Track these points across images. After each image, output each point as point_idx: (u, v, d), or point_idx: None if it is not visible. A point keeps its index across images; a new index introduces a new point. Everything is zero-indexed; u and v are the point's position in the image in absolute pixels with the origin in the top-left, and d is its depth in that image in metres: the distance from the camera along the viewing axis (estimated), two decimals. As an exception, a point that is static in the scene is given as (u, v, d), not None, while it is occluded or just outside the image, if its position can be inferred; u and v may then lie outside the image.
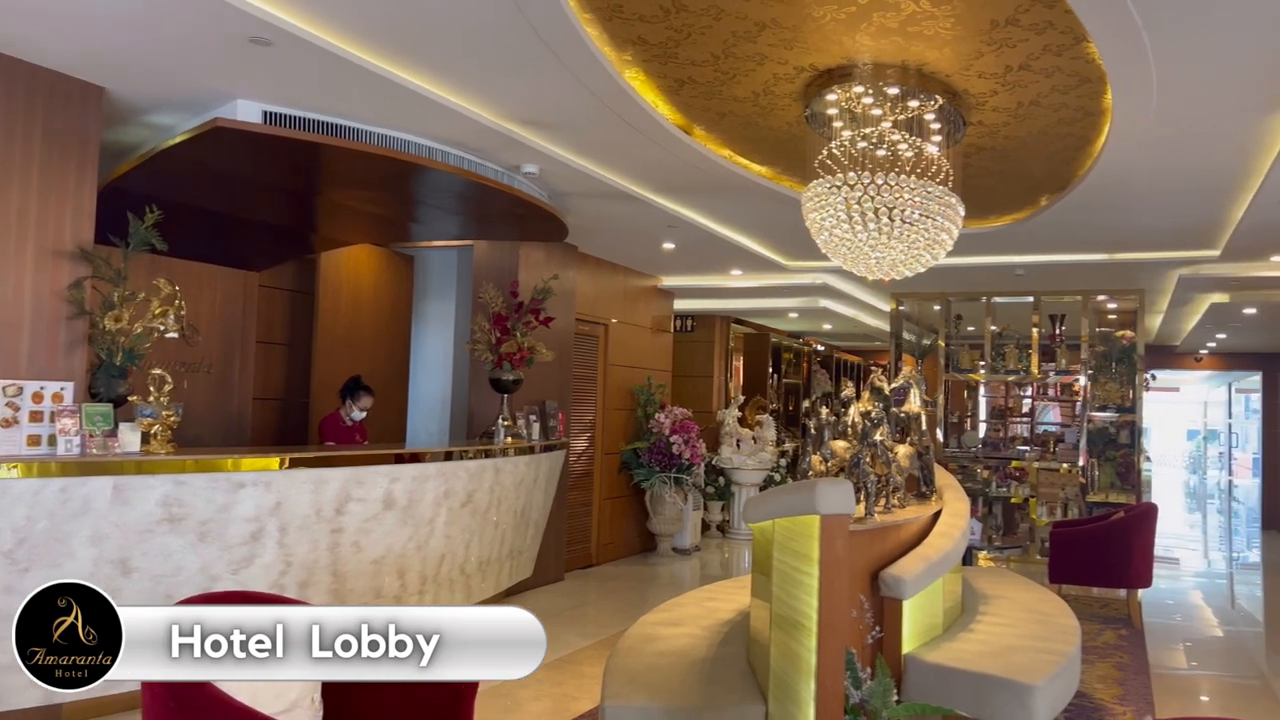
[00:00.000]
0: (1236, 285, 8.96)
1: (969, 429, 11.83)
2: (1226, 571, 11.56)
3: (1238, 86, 4.46)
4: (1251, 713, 5.41)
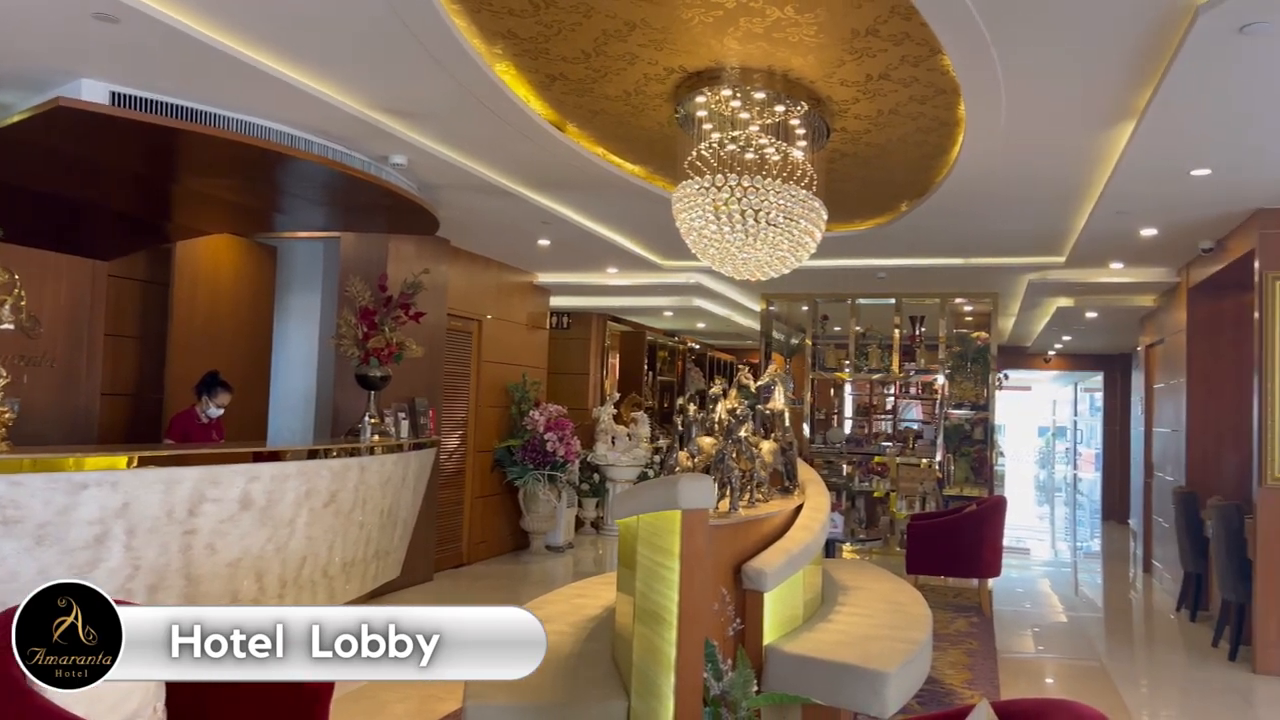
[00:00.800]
0: (1080, 290, 9.52)
1: (834, 426, 12.22)
2: (1071, 560, 12.26)
3: (1080, 102, 4.74)
4: (1087, 693, 5.76)
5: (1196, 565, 7.49)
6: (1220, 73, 4.04)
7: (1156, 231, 7.13)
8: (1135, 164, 5.34)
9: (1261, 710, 5.53)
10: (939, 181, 6.28)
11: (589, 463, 10.99)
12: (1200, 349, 8.24)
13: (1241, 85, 4.20)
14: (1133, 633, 7.92)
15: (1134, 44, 3.96)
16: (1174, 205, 6.35)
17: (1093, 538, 14.38)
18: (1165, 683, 6.27)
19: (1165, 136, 4.89)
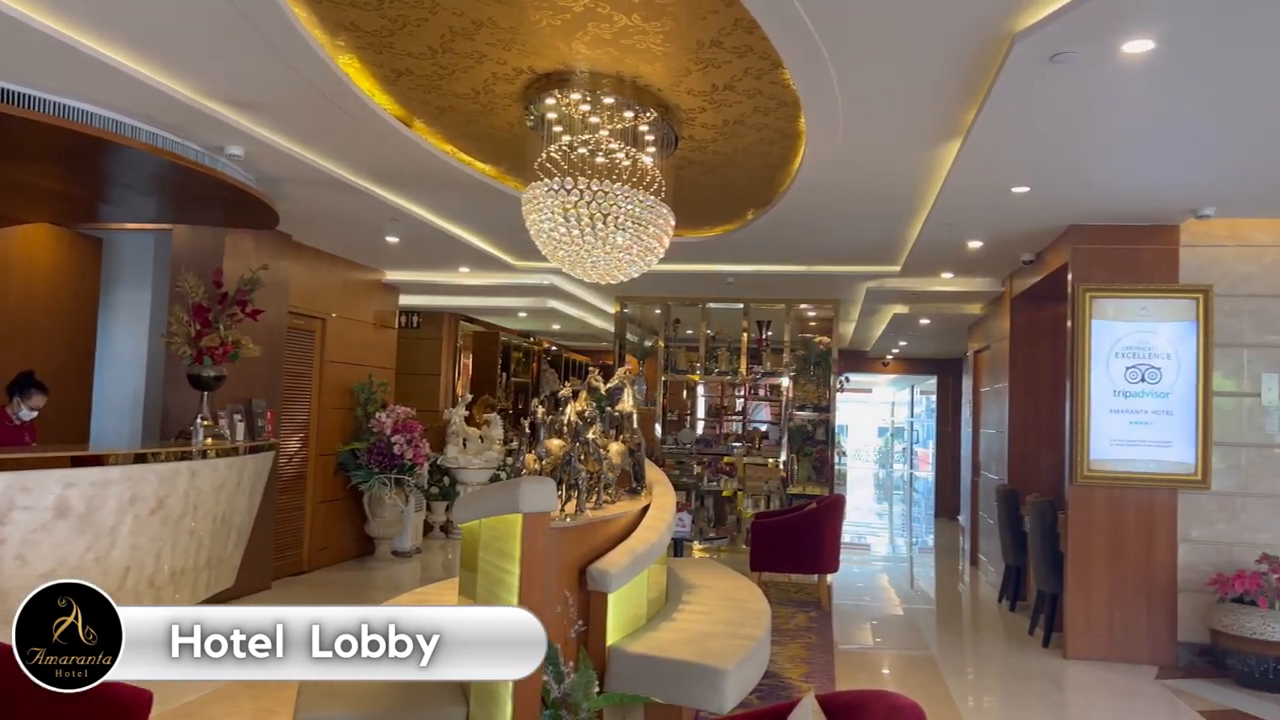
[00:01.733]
0: (914, 298, 10.00)
1: (686, 427, 12.44)
2: (908, 555, 12.87)
3: (912, 120, 4.98)
4: (916, 682, 6.07)
5: (1016, 558, 7.99)
6: (1034, 98, 4.32)
7: (982, 244, 7.57)
8: (962, 180, 5.66)
9: (1070, 693, 5.94)
10: (782, 191, 6.48)
11: (439, 466, 10.81)
12: (1021, 355, 8.80)
13: (1053, 110, 4.51)
14: (960, 623, 8.38)
15: (960, 66, 4.19)
16: (997, 220, 6.75)
17: (927, 533, 15.12)
18: (987, 670, 6.66)
19: (988, 155, 5.19)
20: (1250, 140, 4.88)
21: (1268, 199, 5.99)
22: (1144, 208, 6.25)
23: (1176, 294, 6.57)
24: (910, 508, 20.37)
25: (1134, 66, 3.90)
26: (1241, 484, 6.45)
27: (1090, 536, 6.56)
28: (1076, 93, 4.25)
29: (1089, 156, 5.26)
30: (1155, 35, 3.60)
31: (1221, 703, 5.63)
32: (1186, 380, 6.53)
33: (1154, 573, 6.47)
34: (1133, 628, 6.47)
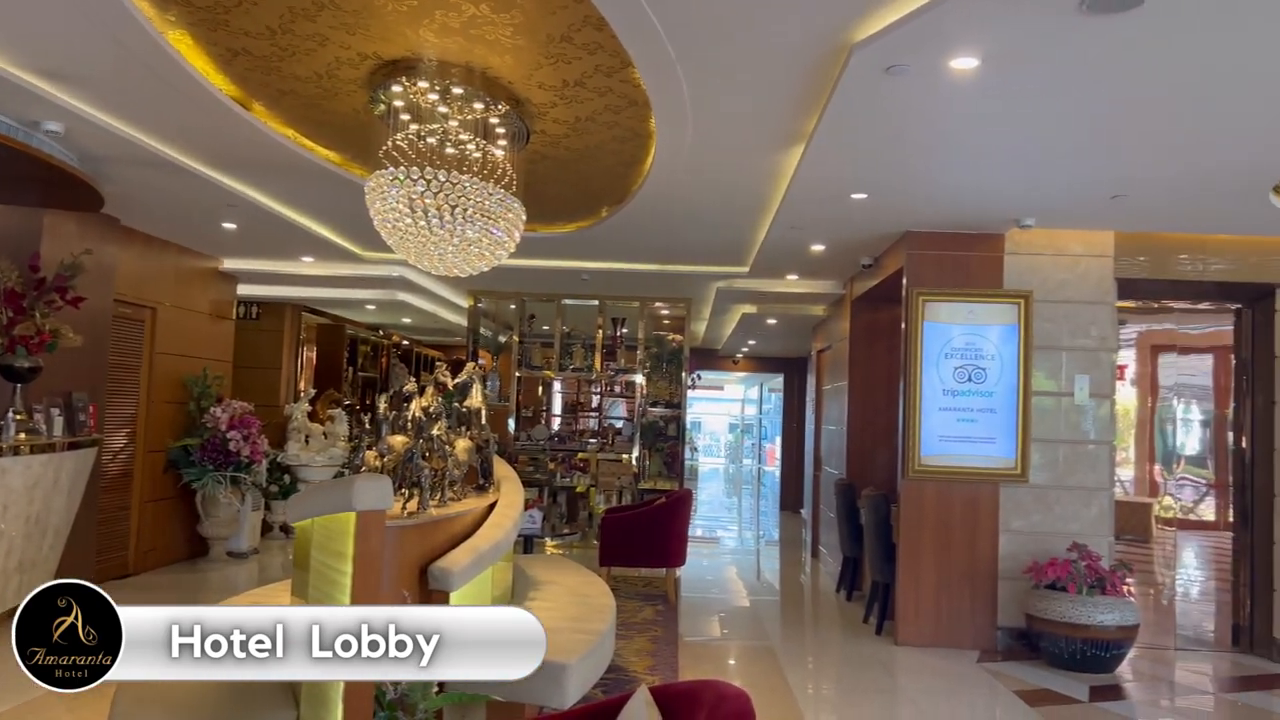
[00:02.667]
0: (762, 298, 10.27)
1: (540, 423, 12.40)
2: (755, 548, 13.20)
3: (758, 124, 5.10)
4: (756, 672, 6.24)
5: (853, 550, 8.32)
6: (871, 107, 4.51)
7: (825, 248, 7.84)
8: (805, 185, 5.84)
9: (900, 678, 6.23)
10: (635, 190, 6.53)
11: (279, 463, 10.39)
12: (860, 355, 9.16)
13: (889, 120, 4.71)
14: (801, 614, 8.66)
15: (803, 75, 4.32)
16: (838, 224, 7.01)
17: (774, 527, 15.56)
18: (824, 658, 6.91)
19: (828, 162, 5.38)
20: (1063, 157, 5.22)
21: (1080, 212, 6.43)
22: (972, 216, 6.61)
23: (1000, 299, 6.98)
24: (758, 501, 20.91)
25: (961, 82, 4.11)
26: (1057, 478, 6.91)
27: (920, 528, 6.90)
28: (910, 104, 4.45)
29: (922, 166, 5.52)
30: (978, 54, 3.81)
31: (1035, 683, 6.02)
32: (1009, 380, 6.95)
33: (977, 562, 6.86)
34: (958, 614, 6.85)
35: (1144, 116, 4.51)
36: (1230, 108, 4.33)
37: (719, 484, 26.93)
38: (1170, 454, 16.30)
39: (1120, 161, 5.24)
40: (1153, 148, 4.97)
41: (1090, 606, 6.14)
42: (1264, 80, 4.00)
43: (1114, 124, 4.64)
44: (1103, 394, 6.97)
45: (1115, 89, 4.17)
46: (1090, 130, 4.74)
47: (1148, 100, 4.30)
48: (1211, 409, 12.45)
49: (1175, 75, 3.99)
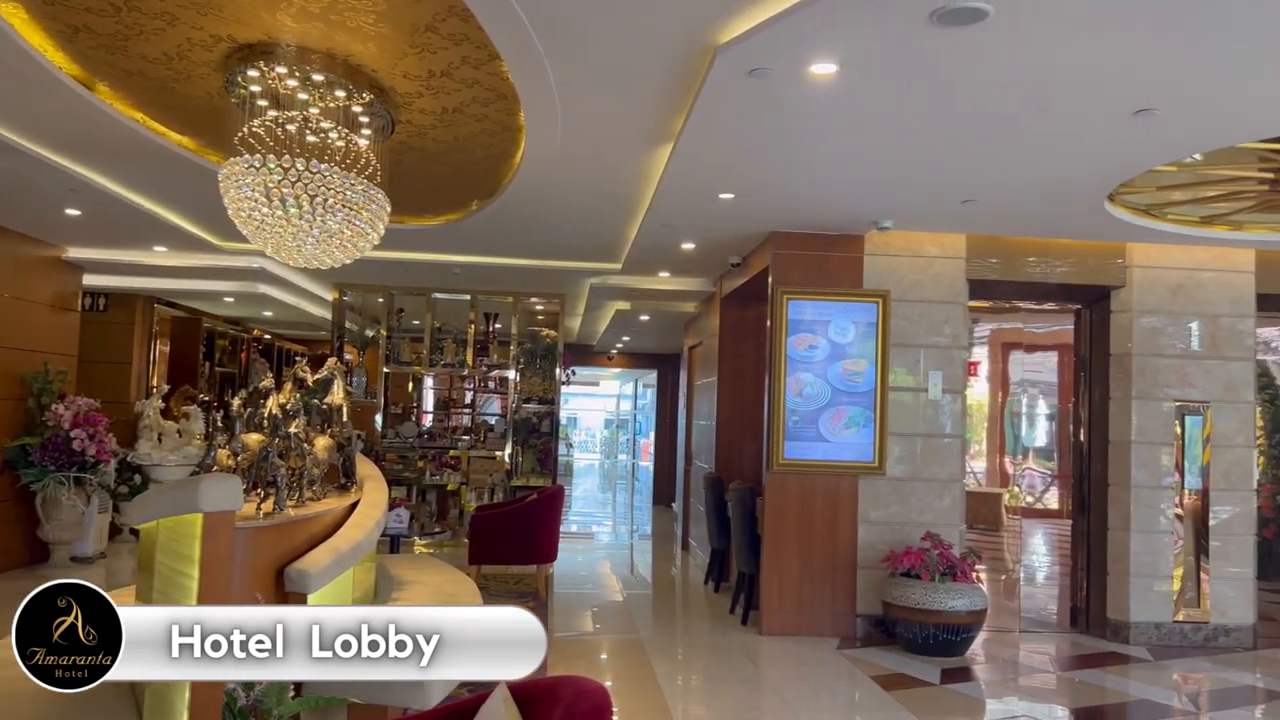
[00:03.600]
0: (635, 295, 10.34)
1: (409, 420, 12.16)
2: (629, 543, 13.30)
3: (628, 122, 5.13)
4: (625, 665, 6.30)
5: (721, 542, 8.48)
6: (736, 109, 4.59)
7: (695, 246, 7.96)
8: (673, 184, 5.91)
9: (764, 666, 6.38)
10: (505, 184, 6.47)
11: (129, 462, 9.86)
12: (730, 352, 9.34)
13: (753, 122, 4.81)
14: (671, 606, 8.78)
15: (670, 75, 4.37)
16: (707, 223, 7.12)
17: (647, 521, 15.71)
18: (692, 649, 7.02)
19: (696, 161, 5.46)
20: (918, 162, 5.44)
21: (934, 216, 6.72)
22: (834, 218, 6.81)
23: (860, 298, 7.22)
24: (633, 496, 21.07)
25: (822, 87, 4.23)
26: (913, 470, 7.21)
27: (784, 520, 7.09)
28: (773, 107, 4.56)
29: (786, 168, 5.65)
30: (837, 60, 3.93)
31: (891, 667, 6.27)
32: (869, 376, 7.20)
33: (838, 553, 7.09)
34: (819, 604, 7.06)
35: (991, 125, 4.74)
36: (1069, 120, 4.59)
37: (595, 480, 27.02)
38: (1019, 446, 17.21)
39: (970, 168, 5.50)
40: (999, 156, 5.23)
41: (942, 593, 6.42)
42: (1099, 95, 4.26)
43: (964, 132, 4.86)
44: (955, 389, 7.30)
45: (964, 98, 4.37)
46: (942, 137, 4.96)
47: (994, 110, 4.52)
48: (1056, 404, 13.20)
49: (1018, 87, 4.20)
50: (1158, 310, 7.32)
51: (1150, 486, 7.24)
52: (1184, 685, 6.27)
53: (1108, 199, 6.11)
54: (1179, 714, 5.69)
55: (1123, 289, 7.38)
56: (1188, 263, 7.31)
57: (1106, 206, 6.18)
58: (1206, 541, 7.25)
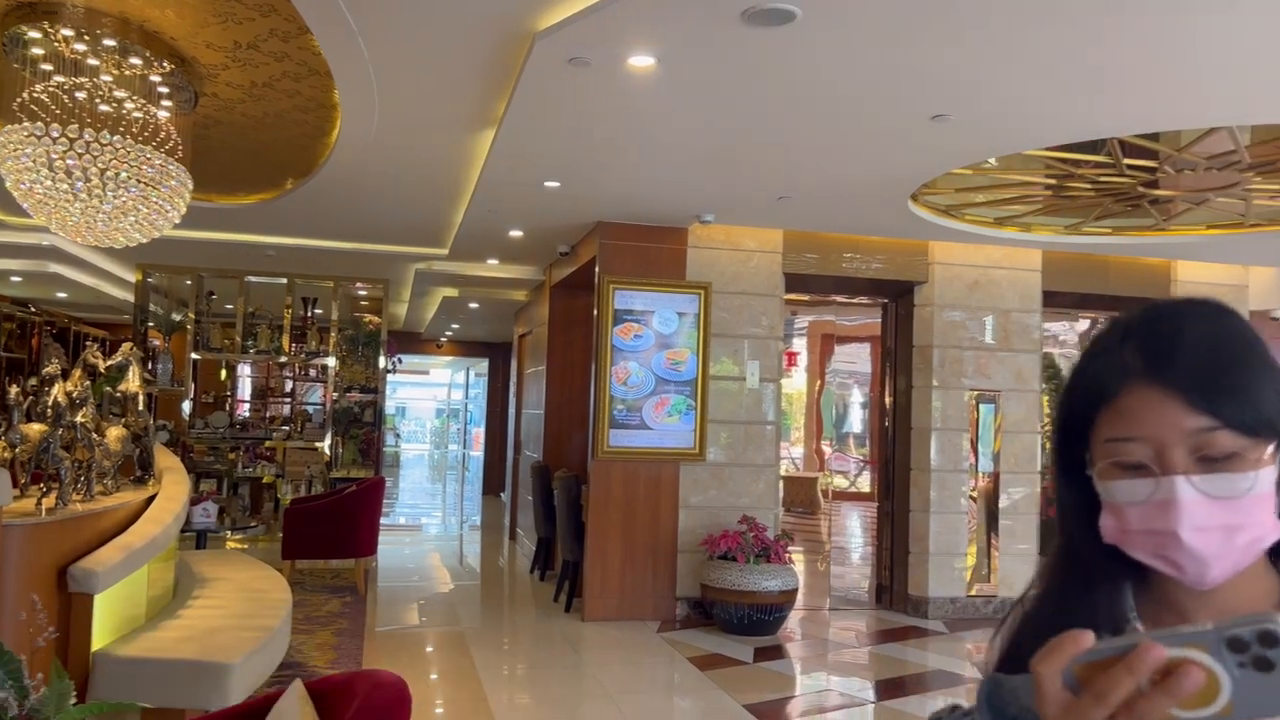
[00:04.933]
0: (462, 282, 10.19)
1: (222, 409, 11.57)
2: (458, 533, 13.13)
3: (449, 105, 5.03)
4: (443, 658, 6.22)
5: (547, 531, 8.48)
6: (557, 97, 4.58)
7: (523, 233, 7.91)
8: (498, 170, 5.85)
9: (585, 652, 6.44)
10: (321, 164, 6.24)
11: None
12: (559, 341, 9.35)
13: (576, 111, 4.82)
14: (496, 596, 8.73)
15: (489, 58, 4.31)
16: (534, 211, 7.09)
17: (477, 511, 15.55)
18: (514, 638, 7.00)
19: (519, 148, 5.42)
20: (735, 158, 5.59)
21: (752, 211, 6.93)
22: (659, 210, 6.92)
23: (684, 289, 7.37)
24: (463, 487, 20.80)
25: (641, 79, 4.28)
26: (732, 456, 7.43)
27: (607, 507, 7.16)
28: (594, 97, 4.57)
29: (609, 159, 5.70)
30: (654, 54, 3.99)
31: (707, 648, 6.45)
32: (691, 365, 7.37)
33: (659, 537, 7.23)
34: (640, 588, 7.18)
35: (802, 125, 4.93)
36: (873, 122, 4.83)
37: (424, 470, 26.50)
38: (835, 433, 18.02)
39: (784, 165, 5.70)
40: (810, 154, 5.45)
41: (756, 574, 6.66)
42: (900, 100, 4.49)
43: (777, 130, 5.03)
44: (772, 378, 7.56)
45: (777, 97, 4.52)
46: (757, 134, 5.11)
47: (804, 110, 4.69)
48: (869, 392, 13.90)
49: (826, 88, 4.38)
50: (956, 305, 7.81)
51: (949, 470, 7.74)
52: (975, 654, 6.74)
53: (911, 199, 6.47)
54: (970, 681, 6.11)
55: (925, 284, 7.83)
56: (983, 261, 7.84)
57: (910, 206, 6.54)
58: (997, 521, 7.82)
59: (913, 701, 5.56)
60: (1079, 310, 9.07)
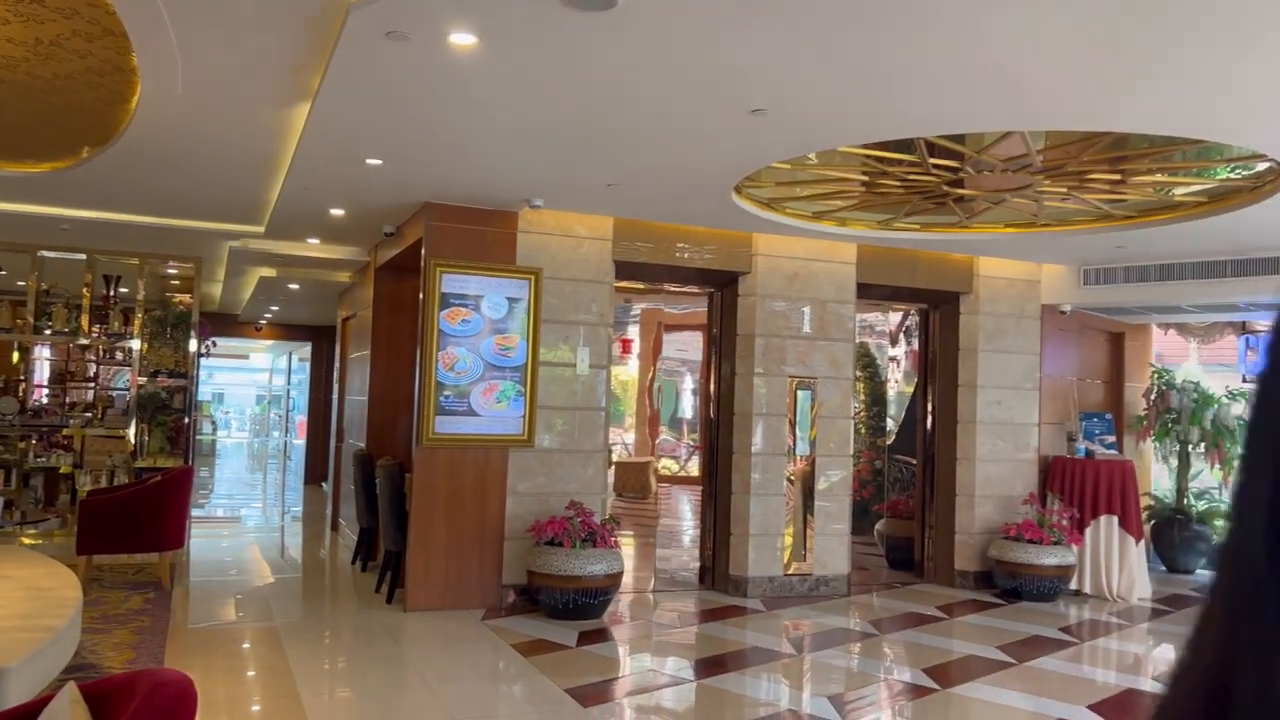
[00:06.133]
0: (281, 261, 9.76)
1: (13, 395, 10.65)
2: (279, 525, 12.61)
3: (263, 75, 4.78)
4: (255, 654, 5.97)
5: (370, 521, 8.26)
6: (375, 72, 4.43)
7: (345, 212, 7.64)
8: (314, 145, 5.62)
9: (406, 643, 6.31)
10: (121, 131, 5.82)
11: None
12: (384, 324, 9.10)
13: (396, 87, 4.68)
14: (316, 588, 8.44)
15: (302, 27, 4.13)
16: (356, 189, 6.85)
17: (299, 502, 14.98)
18: (334, 632, 6.78)
19: (338, 122, 5.22)
20: (562, 143, 5.57)
21: (583, 197, 6.93)
22: (487, 193, 6.83)
23: (514, 274, 7.31)
24: (284, 476, 20.01)
25: (463, 58, 4.19)
26: (560, 442, 7.43)
27: (432, 495, 7.03)
28: (415, 74, 4.45)
29: (435, 138, 5.56)
30: (476, 32, 3.91)
31: (532, 634, 6.44)
32: (520, 351, 7.31)
33: (486, 525, 7.15)
34: (466, 577, 7.09)
35: (628, 112, 4.95)
36: (696, 113, 4.91)
37: (244, 459, 25.34)
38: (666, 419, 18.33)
39: (612, 152, 5.72)
40: (636, 143, 5.49)
41: (582, 559, 6.70)
42: (721, 92, 4.58)
43: (603, 116, 5.03)
44: (601, 365, 7.60)
45: (602, 84, 4.52)
46: (584, 120, 5.11)
47: (627, 98, 4.71)
48: (699, 379, 14.18)
49: (648, 78, 4.42)
50: (778, 295, 8.08)
51: (769, 454, 8.00)
52: (791, 631, 7.01)
53: (734, 191, 6.62)
54: (785, 657, 6.35)
55: (749, 275, 8.06)
56: (802, 253, 8.13)
57: (733, 198, 6.70)
58: (813, 502, 8.15)
59: (730, 679, 5.73)
60: (891, 302, 9.57)
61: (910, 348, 10.90)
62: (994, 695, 5.49)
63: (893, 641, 6.81)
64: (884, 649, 6.66)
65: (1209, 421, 9.54)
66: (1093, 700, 5.41)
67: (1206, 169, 6.16)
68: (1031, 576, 8.05)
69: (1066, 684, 5.80)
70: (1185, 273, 8.21)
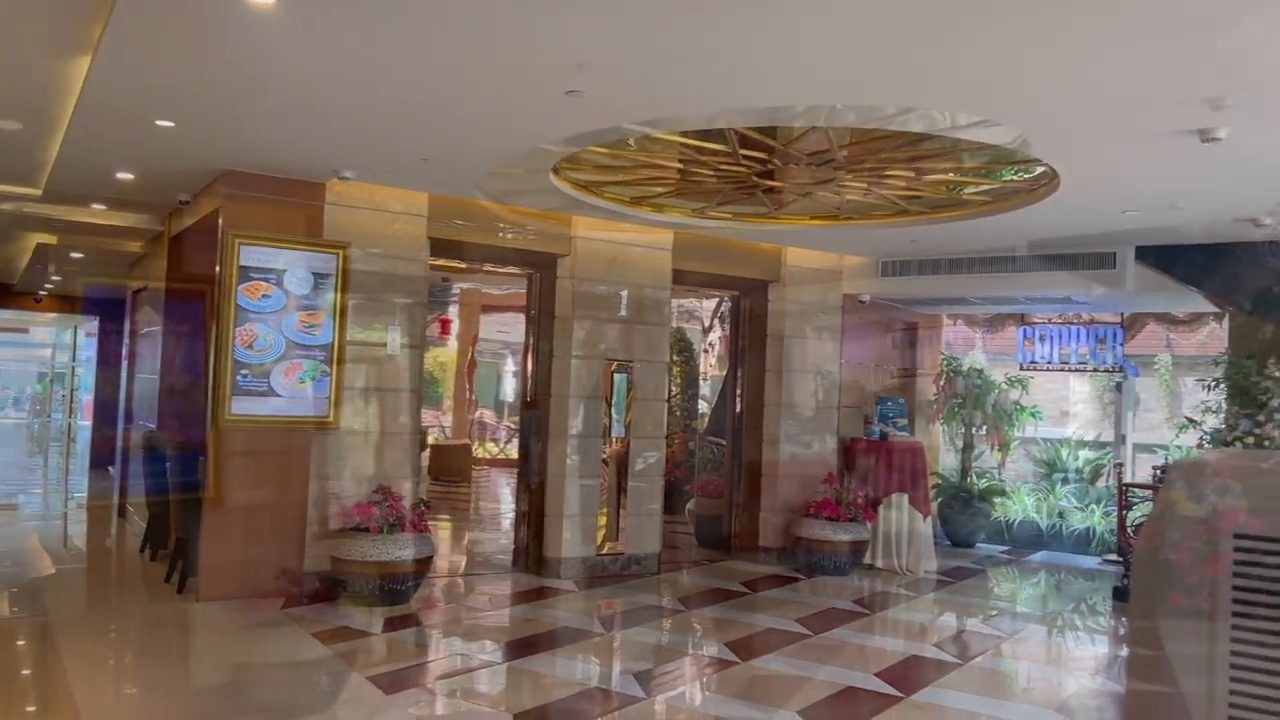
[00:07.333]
0: (62, 228, 8.99)
1: None
2: (61, 512, 11.72)
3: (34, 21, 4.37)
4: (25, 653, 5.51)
5: (160, 507, 7.75)
6: (165, 24, 4.11)
7: (134, 177, 7.10)
8: (97, 103, 5.19)
9: (199, 635, 6.00)
10: None
11: None
12: (178, 298, 8.54)
13: (186, 44, 4.36)
14: (102, 579, 7.90)
15: (77, -28, 3.79)
16: (147, 153, 6.39)
17: (83, 487, 13.95)
18: (116, 625, 6.35)
19: (123, 79, 4.83)
20: (370, 112, 5.35)
21: (396, 171, 6.72)
22: (292, 161, 6.50)
23: (320, 248, 7.00)
24: (68, 460, 18.55)
25: (261, 16, 3.95)
26: (368, 424, 7.19)
27: (228, 479, 6.67)
28: (208, 31, 4.17)
29: (231, 102, 5.24)
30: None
31: (336, 622, 6.23)
32: (327, 329, 7.03)
33: (287, 510, 6.84)
34: (264, 565, 6.76)
35: (441, 83, 4.78)
36: (511, 89, 4.82)
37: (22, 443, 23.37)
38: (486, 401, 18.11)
39: (425, 124, 5.55)
40: (451, 116, 5.34)
41: (390, 544, 6.53)
42: (537, 70, 4.52)
43: (414, 85, 4.85)
44: (414, 345, 7.42)
45: (409, 53, 4.37)
46: (388, 90, 4.91)
47: (436, 68, 4.55)
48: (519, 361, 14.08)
49: (463, 44, 4.30)
50: (596, 279, 8.11)
51: (585, 436, 8.04)
52: (603, 610, 7.09)
53: (553, 173, 6.59)
54: (595, 636, 6.42)
55: (568, 257, 8.06)
56: (621, 238, 8.20)
57: (551, 179, 6.67)
58: (628, 483, 8.26)
59: (540, 659, 5.73)
60: (706, 289, 9.81)
61: (724, 334, 11.23)
62: (792, 667, 5.74)
63: (700, 617, 7.01)
64: (691, 624, 6.85)
65: (990, 406, 10.31)
66: (880, 668, 5.75)
67: (993, 170, 6.62)
68: (829, 552, 8.47)
69: (858, 653, 6.15)
70: (972, 267, 8.82)
